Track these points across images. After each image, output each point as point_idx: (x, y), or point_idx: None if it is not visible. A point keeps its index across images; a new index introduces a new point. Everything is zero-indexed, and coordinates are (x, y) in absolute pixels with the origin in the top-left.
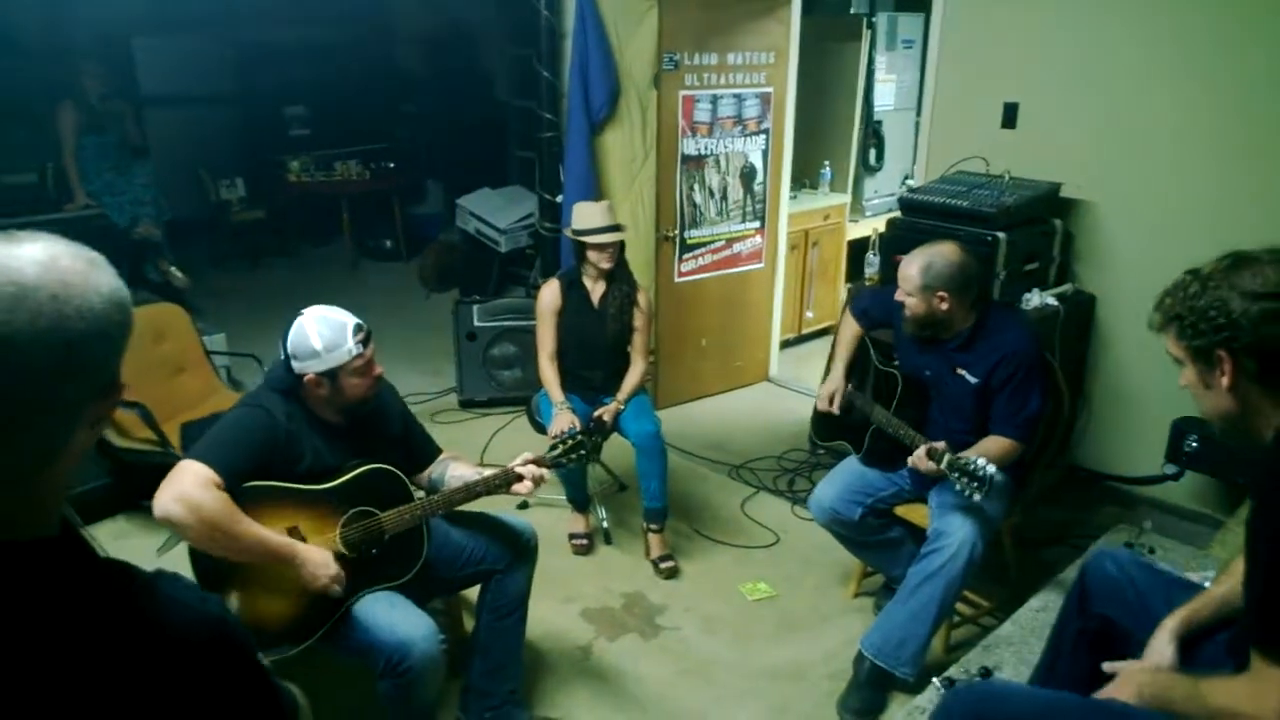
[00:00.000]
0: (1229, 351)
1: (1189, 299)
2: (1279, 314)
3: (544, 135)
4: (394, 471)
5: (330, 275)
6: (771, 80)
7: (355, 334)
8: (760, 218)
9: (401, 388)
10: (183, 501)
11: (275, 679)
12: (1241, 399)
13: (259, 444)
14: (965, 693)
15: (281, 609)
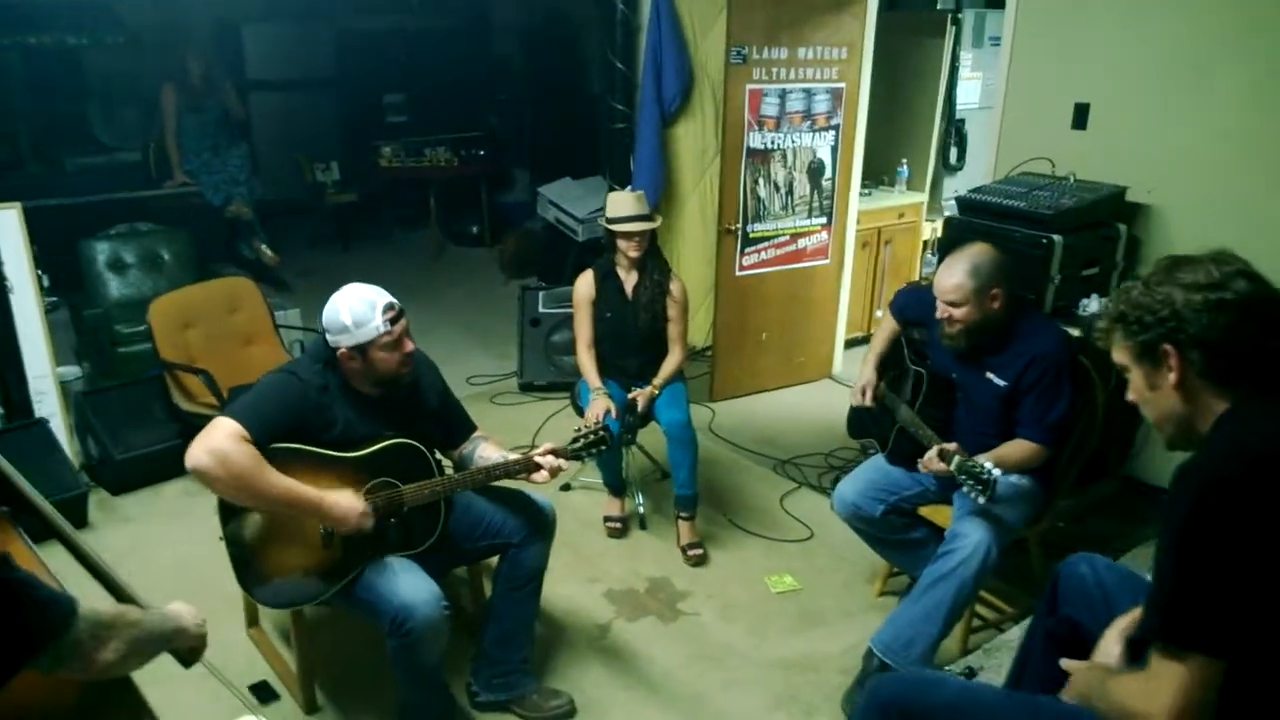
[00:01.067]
0: (1174, 345)
1: (1132, 298)
2: (1221, 303)
3: (616, 126)
4: (419, 447)
5: (416, 259)
6: (844, 76)
7: (385, 312)
8: (827, 214)
9: (468, 369)
10: (211, 453)
11: (36, 590)
12: (1188, 395)
13: (288, 407)
14: (893, 680)
15: (302, 565)
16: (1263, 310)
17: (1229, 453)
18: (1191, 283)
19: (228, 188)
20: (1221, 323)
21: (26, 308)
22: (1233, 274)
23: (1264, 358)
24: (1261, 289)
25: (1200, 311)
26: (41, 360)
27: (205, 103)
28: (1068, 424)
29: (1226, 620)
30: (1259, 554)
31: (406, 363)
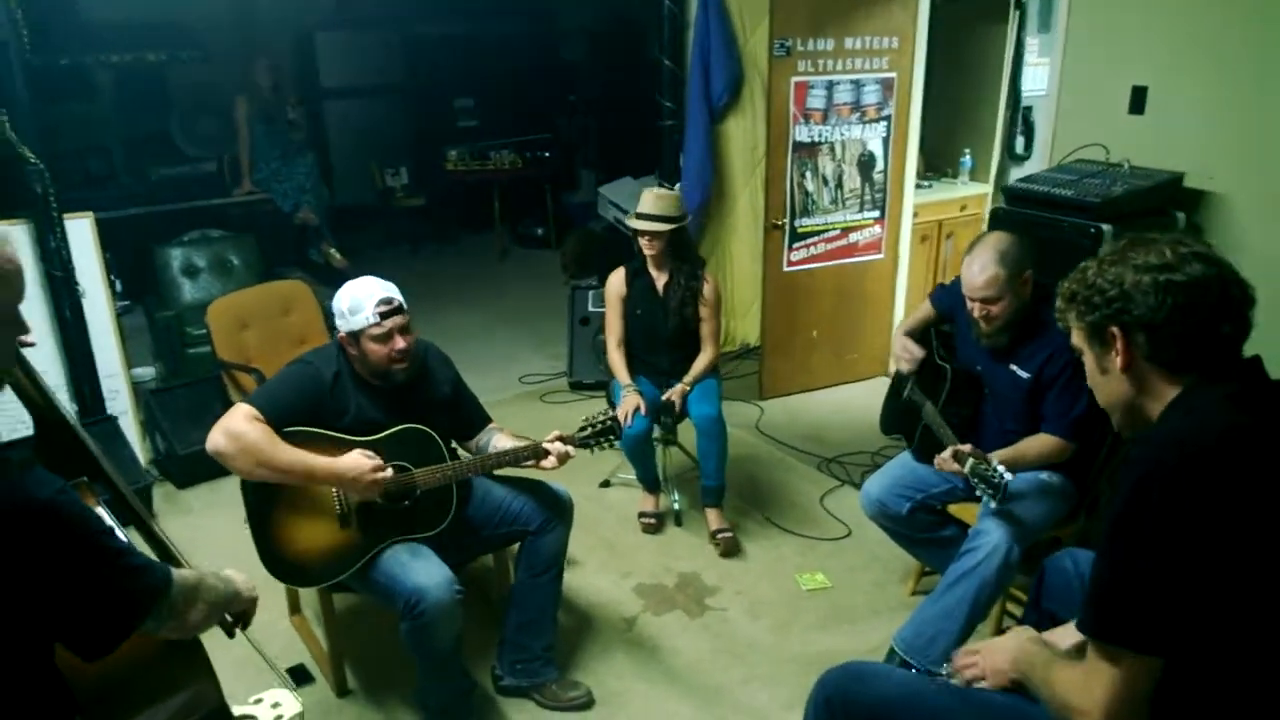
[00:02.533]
0: (1121, 327)
1: (1085, 277)
2: (1170, 284)
3: (664, 123)
4: (430, 433)
5: (481, 261)
6: (895, 65)
7: (378, 305)
8: (880, 207)
9: (522, 369)
10: (227, 434)
11: (134, 558)
12: (1136, 379)
13: (301, 393)
14: (839, 671)
15: (320, 547)
16: (1214, 294)
17: (1166, 443)
18: (1142, 263)
19: (296, 195)
20: (1169, 305)
21: (99, 312)
22: (1187, 255)
23: (1214, 344)
24: (1217, 272)
25: (1148, 293)
26: (113, 361)
27: (275, 114)
28: (1092, 419)
29: (1158, 617)
30: (1194, 550)
31: (398, 359)
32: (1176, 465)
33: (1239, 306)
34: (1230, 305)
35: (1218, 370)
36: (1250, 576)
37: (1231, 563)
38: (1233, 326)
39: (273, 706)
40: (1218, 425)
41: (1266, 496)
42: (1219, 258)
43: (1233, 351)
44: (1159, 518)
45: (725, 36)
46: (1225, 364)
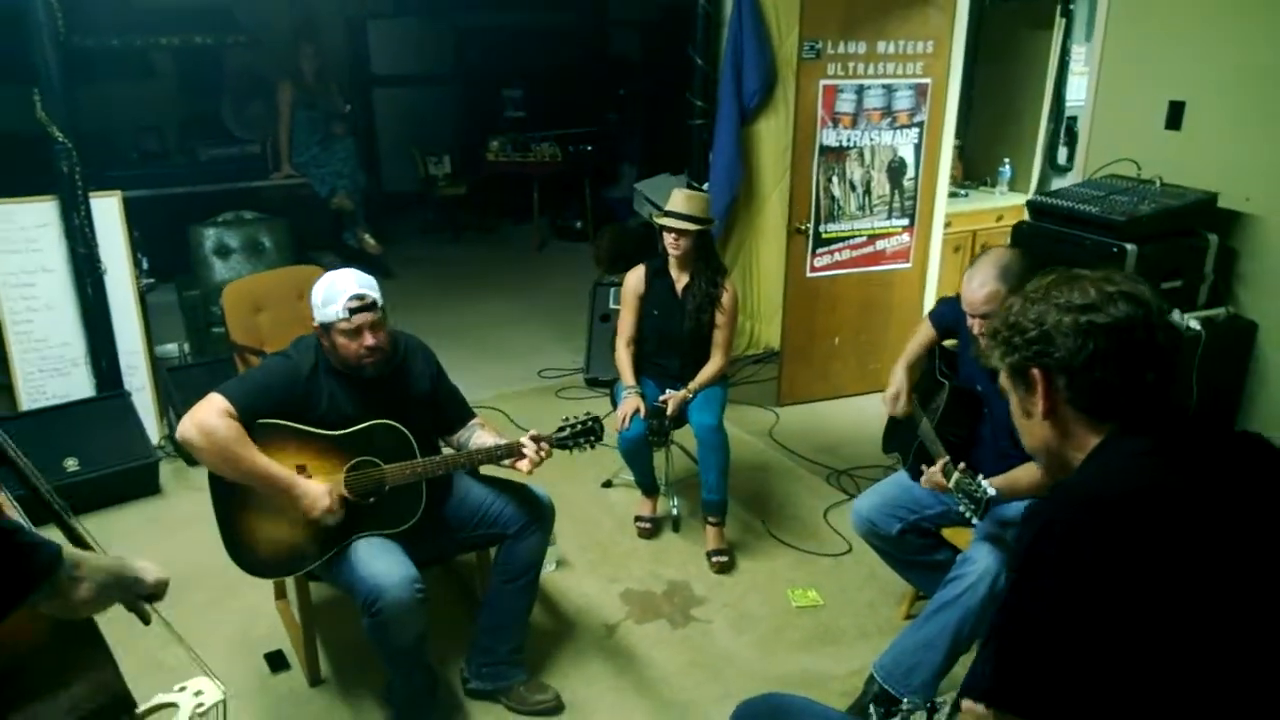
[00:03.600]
0: (1042, 370)
1: (1009, 316)
2: (1092, 326)
3: (695, 122)
4: (400, 429)
5: (519, 251)
6: (929, 71)
7: (349, 300)
8: (910, 215)
9: (543, 363)
10: (198, 427)
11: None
12: (1059, 425)
13: (277, 386)
14: (758, 702)
15: (287, 537)
16: (1139, 338)
17: (1067, 499)
18: (1065, 302)
19: (333, 180)
20: (1090, 348)
21: (122, 289)
22: (1114, 295)
23: (1136, 392)
24: (1143, 314)
25: (1068, 335)
26: (134, 337)
27: (317, 99)
28: None
29: (1047, 683)
30: (1089, 613)
31: (368, 355)
32: (1074, 523)
33: (1165, 353)
34: (1156, 351)
35: (1139, 420)
36: (1149, 646)
37: (1128, 630)
38: (1157, 374)
39: (195, 694)
40: (1125, 483)
41: (1169, 561)
42: (1149, 298)
43: (1156, 401)
44: (1055, 575)
45: (759, 37)
46: (1148, 414)
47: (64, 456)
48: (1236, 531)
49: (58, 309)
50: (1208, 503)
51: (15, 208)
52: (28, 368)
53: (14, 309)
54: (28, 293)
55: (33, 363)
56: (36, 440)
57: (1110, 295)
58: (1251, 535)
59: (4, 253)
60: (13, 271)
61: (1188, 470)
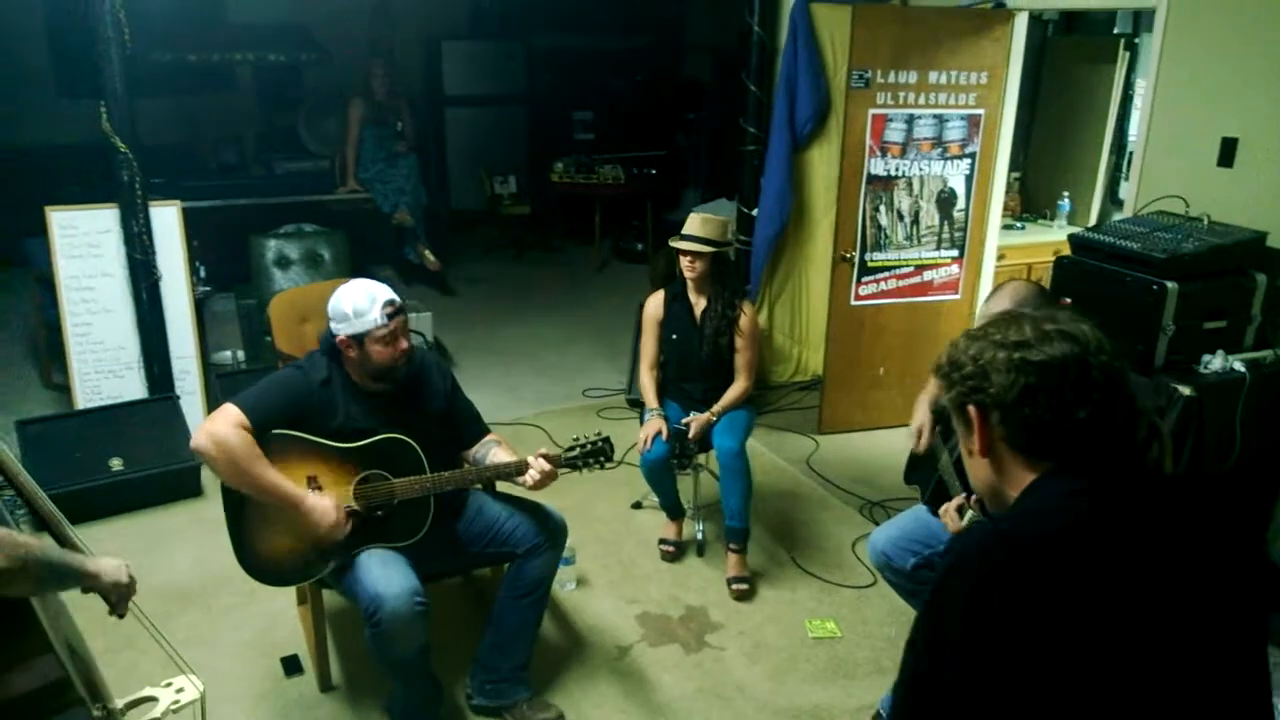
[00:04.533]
0: (977, 406)
1: (952, 352)
2: (1024, 363)
3: (747, 148)
4: (411, 444)
5: (580, 272)
6: (982, 102)
7: (384, 307)
8: (959, 246)
9: (589, 382)
10: (212, 438)
11: None
12: (996, 463)
13: (290, 398)
14: None
15: (295, 547)
16: (1070, 376)
17: (983, 541)
18: (1001, 339)
19: (395, 197)
20: (1020, 385)
21: (177, 295)
22: (1050, 334)
23: (1070, 429)
24: (1078, 352)
25: (1000, 371)
26: (187, 342)
27: (387, 117)
28: None
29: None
30: (994, 659)
31: (400, 358)
32: (985, 563)
33: (1101, 390)
34: (1089, 388)
35: (1075, 460)
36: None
37: (1034, 681)
38: (1091, 412)
39: (176, 691)
40: (1046, 523)
41: (1084, 609)
42: (1089, 337)
43: (1094, 440)
44: (962, 621)
45: (813, 65)
46: (1084, 453)
47: (110, 456)
48: (1159, 581)
49: (116, 313)
50: (1131, 550)
51: (79, 214)
52: (85, 368)
53: (75, 311)
54: (88, 296)
55: (90, 363)
56: (86, 439)
57: (1046, 333)
58: (1175, 586)
59: (68, 257)
60: (75, 275)
61: (1116, 514)
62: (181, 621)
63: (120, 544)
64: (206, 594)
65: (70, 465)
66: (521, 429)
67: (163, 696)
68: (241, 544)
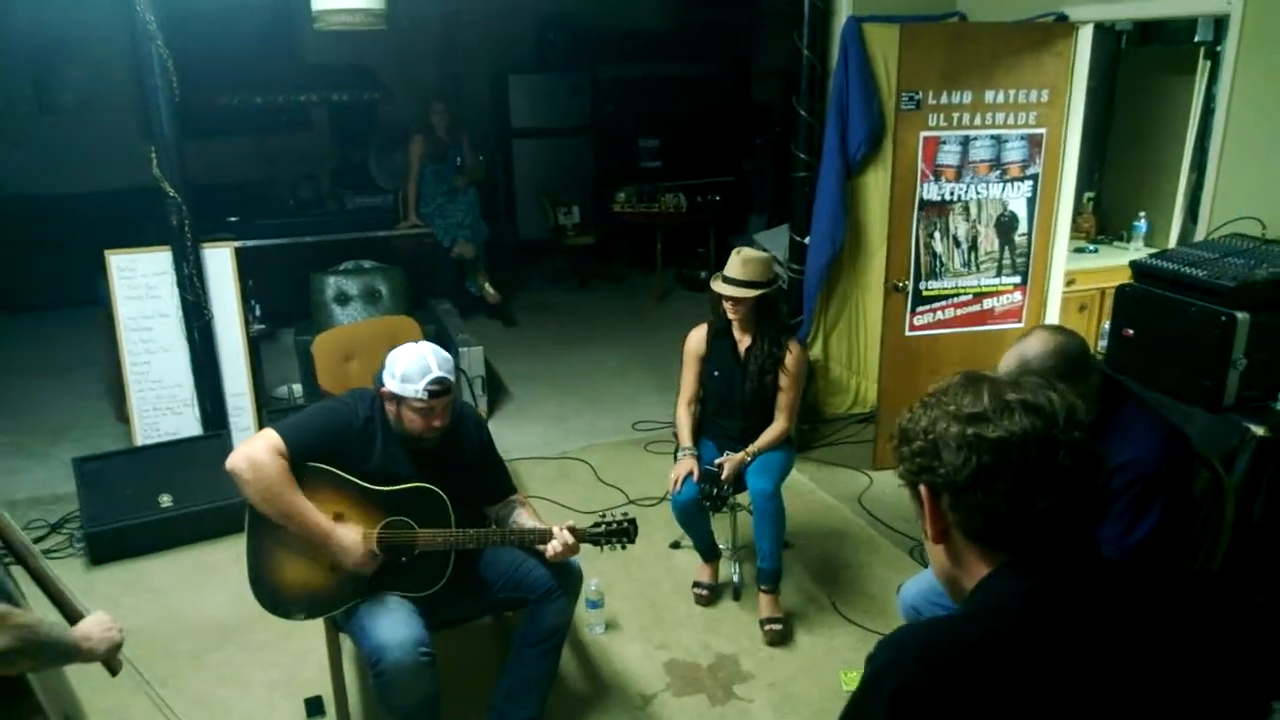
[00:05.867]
0: (927, 486)
1: (906, 420)
2: (978, 440)
3: (798, 175)
4: (441, 497)
5: (643, 301)
6: (1044, 121)
7: (430, 384)
8: (1022, 272)
9: (639, 414)
10: (248, 460)
11: None
12: (951, 552)
13: (330, 432)
14: None
15: (306, 583)
16: (1031, 457)
17: (907, 644)
18: (956, 410)
19: (455, 230)
20: (973, 465)
21: (231, 334)
22: (1013, 405)
23: (1027, 520)
24: (1043, 430)
25: (954, 448)
26: (240, 380)
27: (447, 153)
28: (1153, 547)
29: None
30: None
31: (429, 432)
32: (904, 683)
33: (1066, 477)
34: (1053, 474)
35: (1030, 555)
36: None
37: None
38: (1053, 501)
39: None
40: (980, 631)
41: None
42: (1057, 410)
43: (1053, 533)
44: None
45: (865, 88)
46: (1041, 548)
47: (160, 492)
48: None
49: (172, 351)
50: (1075, 666)
51: (138, 258)
52: (144, 405)
53: (134, 351)
54: (146, 336)
55: (149, 401)
56: (139, 475)
57: (1007, 404)
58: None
59: (127, 298)
60: (134, 316)
61: (1063, 624)
62: (216, 657)
63: (163, 579)
64: (242, 630)
65: (121, 501)
66: (567, 463)
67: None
68: (258, 571)
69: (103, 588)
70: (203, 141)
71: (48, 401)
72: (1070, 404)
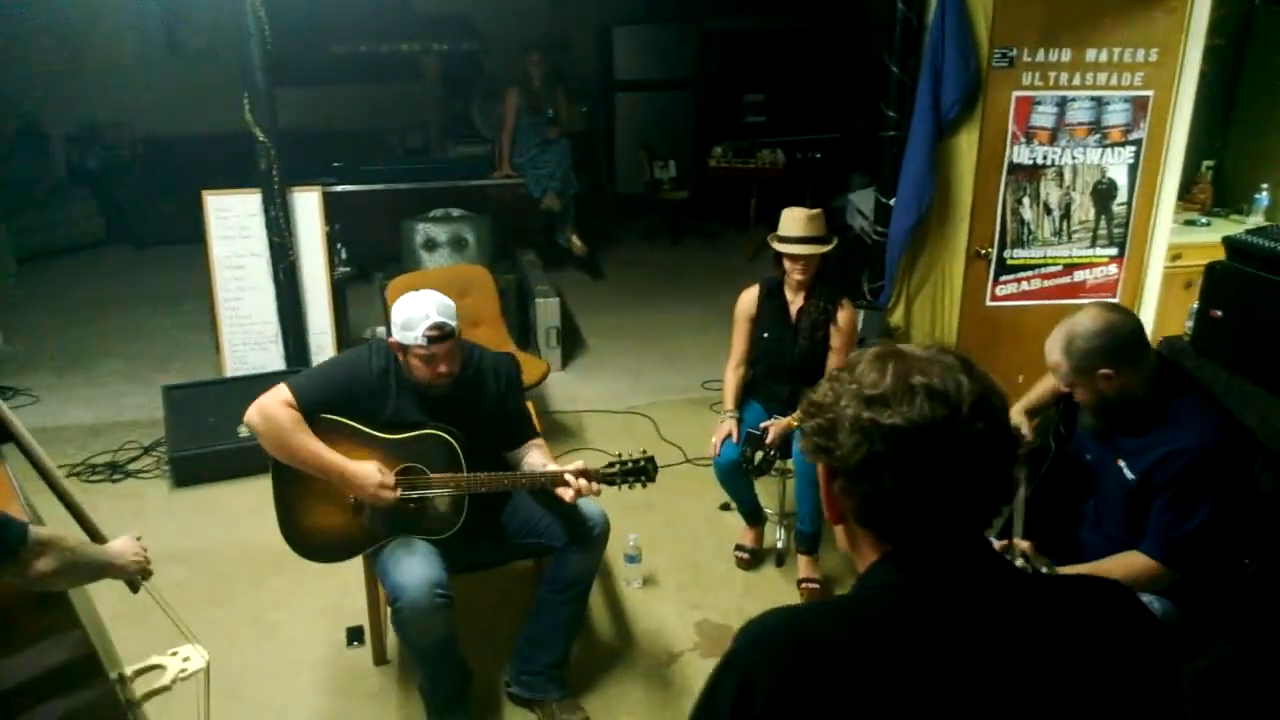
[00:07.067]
0: (825, 467)
1: (816, 394)
2: (873, 426)
3: (886, 134)
4: (450, 441)
5: (731, 260)
6: (1151, 82)
7: (429, 329)
8: (1119, 244)
9: (710, 373)
10: (260, 412)
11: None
12: (849, 535)
13: (342, 383)
14: None
15: (331, 529)
16: (927, 448)
17: (768, 630)
18: (857, 389)
19: (546, 182)
20: (865, 452)
21: (316, 275)
22: (915, 388)
23: (916, 512)
24: (945, 418)
25: (848, 430)
26: (324, 319)
27: (541, 104)
28: (1200, 543)
29: None
30: None
31: (437, 379)
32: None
33: (964, 468)
34: (950, 467)
35: (920, 548)
36: None
37: None
38: (942, 496)
39: (183, 660)
40: (839, 626)
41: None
42: (963, 397)
43: (947, 526)
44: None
45: (962, 44)
46: (933, 541)
47: (239, 423)
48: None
49: (261, 290)
50: (935, 672)
51: (232, 199)
52: (233, 340)
53: (226, 288)
54: (238, 274)
55: (238, 336)
56: (222, 405)
57: (910, 388)
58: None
59: (221, 237)
60: (227, 254)
61: (934, 625)
62: (273, 583)
63: (236, 506)
64: (299, 559)
65: (202, 429)
66: (632, 418)
67: (170, 665)
68: (287, 520)
69: (181, 509)
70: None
71: (160, 332)
72: (982, 392)
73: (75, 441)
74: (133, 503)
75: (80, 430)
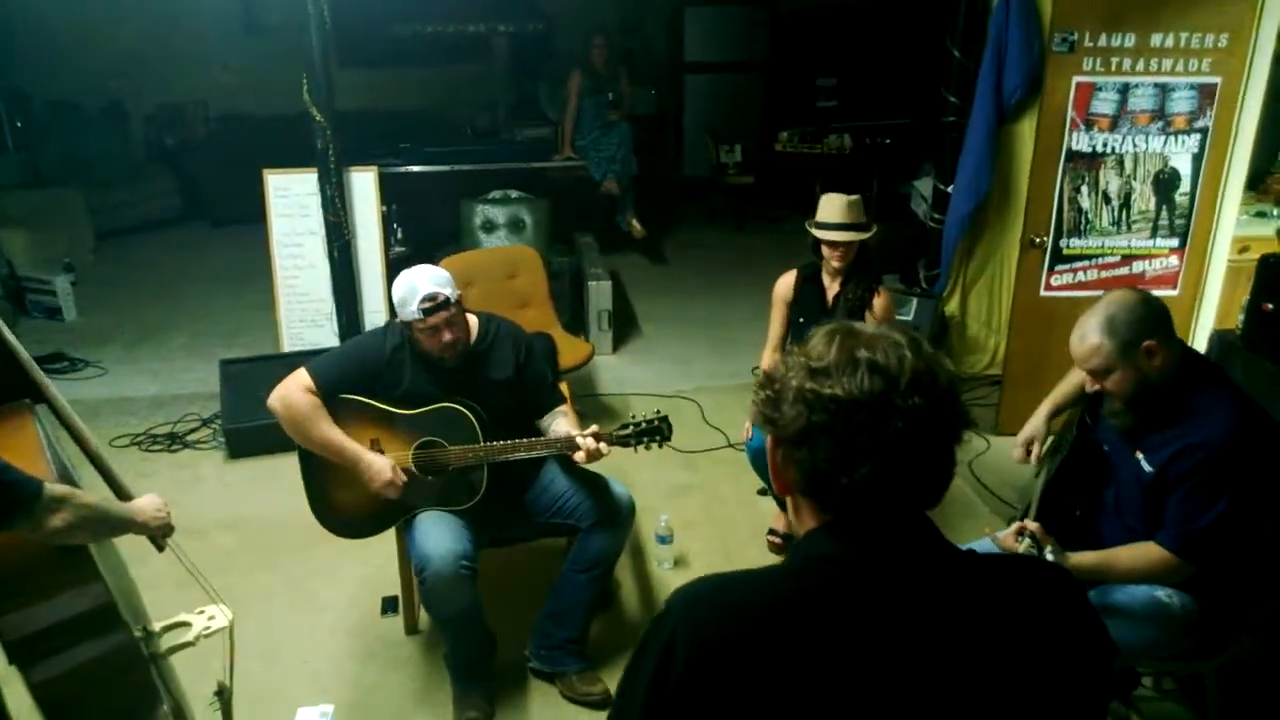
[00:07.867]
0: (772, 437)
1: (771, 368)
2: (813, 396)
3: (947, 119)
4: (466, 414)
5: (794, 247)
6: (1220, 69)
7: (422, 301)
8: (1181, 235)
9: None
10: (280, 398)
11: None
12: (794, 504)
13: (360, 364)
14: None
15: (358, 505)
16: (860, 420)
17: (700, 593)
18: (802, 361)
19: (606, 165)
20: (803, 422)
21: (371, 254)
22: (858, 362)
23: (849, 485)
24: (882, 393)
25: (790, 401)
26: (378, 297)
27: (605, 87)
28: (1217, 536)
29: None
30: None
31: (446, 349)
32: (677, 631)
33: (899, 443)
34: (884, 441)
35: (854, 521)
36: None
37: None
38: (878, 467)
39: (208, 619)
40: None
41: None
42: (903, 372)
43: (881, 500)
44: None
45: (1027, 27)
46: (866, 515)
47: None
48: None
49: (318, 268)
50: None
51: (292, 178)
52: (291, 316)
53: (284, 265)
54: (296, 252)
55: (295, 312)
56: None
57: (854, 361)
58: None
59: (281, 215)
60: (286, 232)
61: (858, 599)
62: (316, 551)
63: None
64: None
65: (255, 402)
66: (678, 402)
67: (195, 622)
68: (316, 496)
69: (234, 479)
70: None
71: (228, 309)
72: (925, 368)
73: (139, 413)
74: (189, 472)
75: (144, 402)
